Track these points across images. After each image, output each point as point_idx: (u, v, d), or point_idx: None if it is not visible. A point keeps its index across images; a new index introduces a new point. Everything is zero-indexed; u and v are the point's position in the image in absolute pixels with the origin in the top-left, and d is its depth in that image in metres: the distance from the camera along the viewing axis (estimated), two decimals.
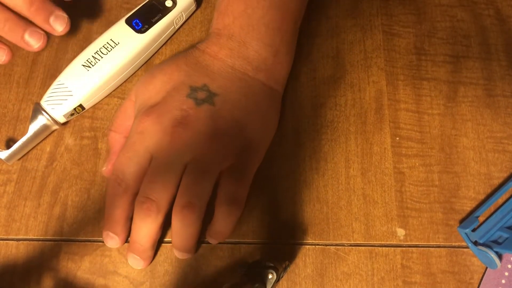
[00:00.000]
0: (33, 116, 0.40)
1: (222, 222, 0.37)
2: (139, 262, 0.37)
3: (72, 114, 0.41)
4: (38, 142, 0.42)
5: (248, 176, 0.39)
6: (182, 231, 0.36)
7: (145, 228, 0.36)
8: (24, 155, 0.41)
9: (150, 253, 0.38)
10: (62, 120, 0.41)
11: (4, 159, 0.40)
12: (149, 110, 0.38)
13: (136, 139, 0.37)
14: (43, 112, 0.40)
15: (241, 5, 0.41)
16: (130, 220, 0.38)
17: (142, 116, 0.38)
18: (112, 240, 0.38)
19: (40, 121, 0.40)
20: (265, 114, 0.40)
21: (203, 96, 0.38)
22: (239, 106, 0.39)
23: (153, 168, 0.37)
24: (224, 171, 0.37)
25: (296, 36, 0.43)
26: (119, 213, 0.37)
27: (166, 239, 0.39)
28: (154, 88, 0.39)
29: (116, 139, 0.40)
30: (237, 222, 0.38)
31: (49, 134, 0.42)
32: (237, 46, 0.40)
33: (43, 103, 0.41)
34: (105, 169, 0.40)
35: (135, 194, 0.37)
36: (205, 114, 0.38)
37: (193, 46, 0.42)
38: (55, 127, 0.41)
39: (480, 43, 0.46)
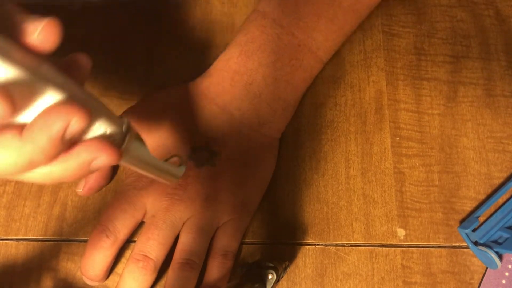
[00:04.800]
0: None
1: (217, 274, 0.36)
2: None
3: None
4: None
5: (242, 230, 0.38)
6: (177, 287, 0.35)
7: (136, 286, 0.35)
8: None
9: None
10: None
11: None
12: None
13: (132, 194, 0.37)
14: None
15: (271, 56, 0.39)
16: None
17: None
18: (92, 283, 0.37)
19: None
20: (263, 167, 0.40)
21: (204, 156, 0.38)
22: (239, 165, 0.38)
23: (150, 225, 0.36)
24: (220, 226, 0.37)
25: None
26: (102, 265, 0.36)
27: None
28: (153, 142, 0.37)
29: None
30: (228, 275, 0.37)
31: None
32: (251, 98, 0.39)
33: None
34: (81, 191, 0.39)
35: (121, 246, 0.37)
36: (204, 176, 0.37)
37: (202, 86, 0.39)
38: None
39: (480, 43, 0.46)
